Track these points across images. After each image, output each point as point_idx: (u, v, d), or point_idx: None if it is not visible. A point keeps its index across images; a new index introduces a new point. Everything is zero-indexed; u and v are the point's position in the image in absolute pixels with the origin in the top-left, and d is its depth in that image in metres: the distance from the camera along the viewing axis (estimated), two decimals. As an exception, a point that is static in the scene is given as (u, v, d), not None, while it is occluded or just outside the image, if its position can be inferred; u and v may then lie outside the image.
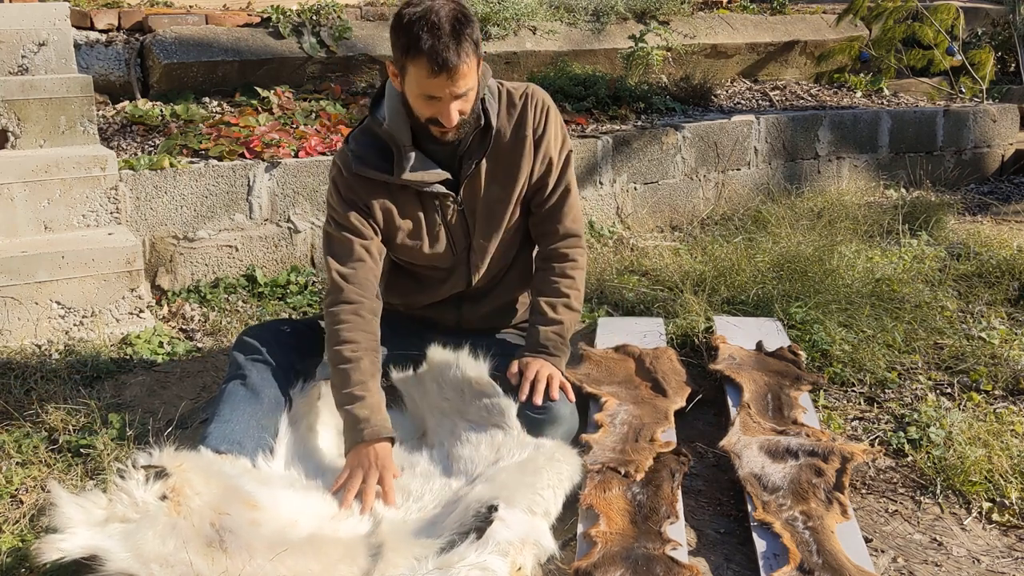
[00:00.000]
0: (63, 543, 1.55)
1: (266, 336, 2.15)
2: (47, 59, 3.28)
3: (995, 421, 2.30)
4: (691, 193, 4.45)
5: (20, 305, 2.75)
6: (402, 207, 2.12)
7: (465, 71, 1.88)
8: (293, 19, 4.37)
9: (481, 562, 1.60)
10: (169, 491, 1.65)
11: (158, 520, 1.60)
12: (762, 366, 2.53)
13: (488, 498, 1.76)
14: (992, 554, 1.85)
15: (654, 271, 3.46)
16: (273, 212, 3.40)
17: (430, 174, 2.07)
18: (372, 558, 1.69)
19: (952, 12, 5.71)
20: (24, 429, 2.24)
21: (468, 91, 1.93)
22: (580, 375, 2.50)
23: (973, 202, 4.85)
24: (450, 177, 2.10)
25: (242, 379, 2.04)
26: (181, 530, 1.60)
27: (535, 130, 2.14)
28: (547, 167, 2.18)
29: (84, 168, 3.00)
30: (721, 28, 5.78)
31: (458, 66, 1.86)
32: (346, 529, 1.78)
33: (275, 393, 2.05)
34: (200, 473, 1.72)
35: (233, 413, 1.98)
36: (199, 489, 1.68)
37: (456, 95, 1.91)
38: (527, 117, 2.13)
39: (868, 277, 3.20)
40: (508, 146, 2.12)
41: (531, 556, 1.73)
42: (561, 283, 2.19)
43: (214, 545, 1.60)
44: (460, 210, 2.15)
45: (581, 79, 4.72)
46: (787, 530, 1.79)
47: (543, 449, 1.96)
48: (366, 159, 2.07)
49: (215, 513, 1.64)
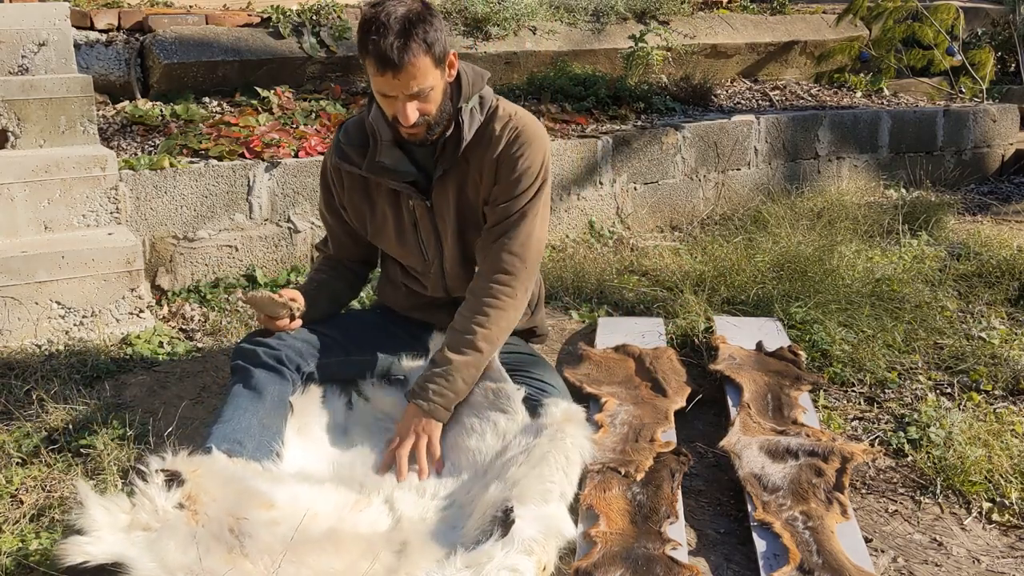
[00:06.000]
0: (90, 547, 1.53)
1: (269, 339, 2.14)
2: (47, 59, 3.28)
3: (995, 421, 2.30)
4: (691, 193, 4.45)
5: (20, 305, 2.75)
6: (376, 202, 2.19)
7: (413, 71, 1.88)
8: (293, 19, 4.37)
9: (510, 563, 1.60)
10: (185, 499, 1.65)
11: (178, 530, 1.60)
12: (762, 366, 2.53)
13: (502, 500, 1.75)
14: (992, 554, 1.85)
15: (654, 271, 3.46)
16: (273, 212, 3.40)
17: (399, 172, 2.10)
18: (396, 555, 1.69)
19: (952, 12, 5.71)
20: (24, 429, 2.24)
21: (424, 90, 1.92)
22: (580, 375, 2.50)
23: (973, 202, 4.85)
24: (421, 180, 2.12)
25: (244, 381, 2.04)
26: (201, 539, 1.59)
27: (502, 152, 2.07)
28: (503, 193, 2.09)
29: (84, 168, 3.00)
30: (721, 28, 5.78)
31: (403, 66, 1.86)
32: (365, 523, 1.78)
33: (278, 391, 2.04)
34: (214, 478, 1.71)
35: (235, 413, 1.97)
36: (215, 495, 1.67)
37: (409, 94, 1.91)
38: (498, 138, 2.08)
39: (868, 277, 3.20)
40: (477, 159, 2.10)
41: (554, 549, 1.73)
42: (474, 320, 2.05)
43: (235, 551, 1.59)
44: (430, 213, 2.15)
45: (581, 79, 4.72)
46: (787, 530, 1.79)
47: (546, 431, 1.93)
48: (347, 152, 2.15)
49: (232, 518, 1.64)
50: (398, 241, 2.22)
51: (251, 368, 2.06)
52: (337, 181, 2.22)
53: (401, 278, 2.33)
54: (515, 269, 2.07)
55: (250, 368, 2.06)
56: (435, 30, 1.90)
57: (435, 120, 2.00)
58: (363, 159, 2.12)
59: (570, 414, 2.00)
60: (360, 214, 2.23)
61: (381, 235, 2.24)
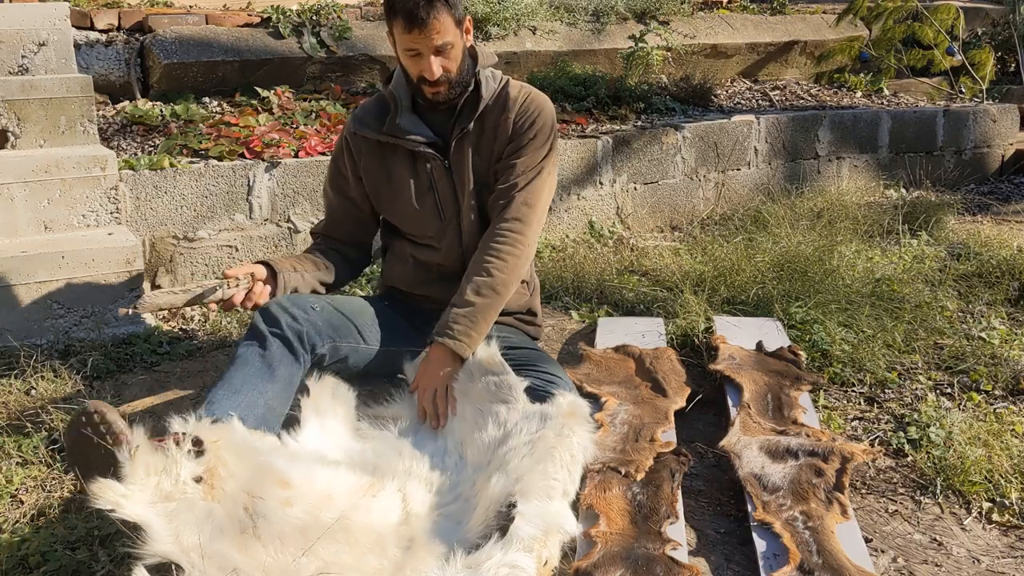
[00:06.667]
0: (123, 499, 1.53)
1: (293, 311, 2.11)
2: (47, 59, 3.28)
3: (995, 421, 2.30)
4: (691, 193, 4.45)
5: (20, 305, 2.75)
6: (393, 167, 2.30)
7: (438, 26, 2.08)
8: (293, 19, 4.37)
9: (510, 560, 1.61)
10: (204, 473, 1.64)
11: (195, 506, 1.59)
12: (762, 366, 2.53)
13: (505, 494, 1.76)
14: (992, 554, 1.85)
15: (654, 271, 3.46)
16: (273, 212, 3.40)
17: (419, 133, 2.26)
18: (403, 551, 1.69)
19: (952, 12, 5.71)
20: (24, 429, 2.24)
21: (447, 46, 2.11)
22: (580, 375, 2.50)
23: (973, 202, 4.85)
24: (439, 142, 2.27)
25: (261, 346, 2.03)
26: (216, 517, 1.59)
27: (518, 116, 2.26)
28: (518, 150, 2.25)
29: (84, 168, 3.00)
30: (721, 28, 5.78)
31: (429, 21, 2.06)
32: (378, 509, 1.77)
33: (289, 373, 2.03)
34: (233, 451, 1.70)
35: (244, 385, 1.96)
36: (233, 470, 1.66)
37: (435, 48, 2.10)
38: (514, 100, 2.27)
39: (868, 277, 3.20)
40: (493, 122, 2.26)
41: (556, 544, 1.73)
42: (491, 265, 2.18)
43: (247, 531, 1.59)
44: (448, 173, 2.27)
45: (581, 79, 4.72)
46: (787, 530, 1.79)
47: (551, 423, 1.92)
48: (364, 120, 2.31)
49: (248, 496, 1.64)
50: (417, 203, 2.30)
51: (269, 337, 2.04)
52: (355, 148, 2.33)
53: (410, 250, 2.37)
54: (527, 219, 2.22)
55: (268, 337, 2.04)
56: None
57: (456, 80, 2.18)
58: (382, 125, 2.27)
59: (576, 407, 2.00)
60: (375, 181, 2.33)
61: (397, 202, 2.32)
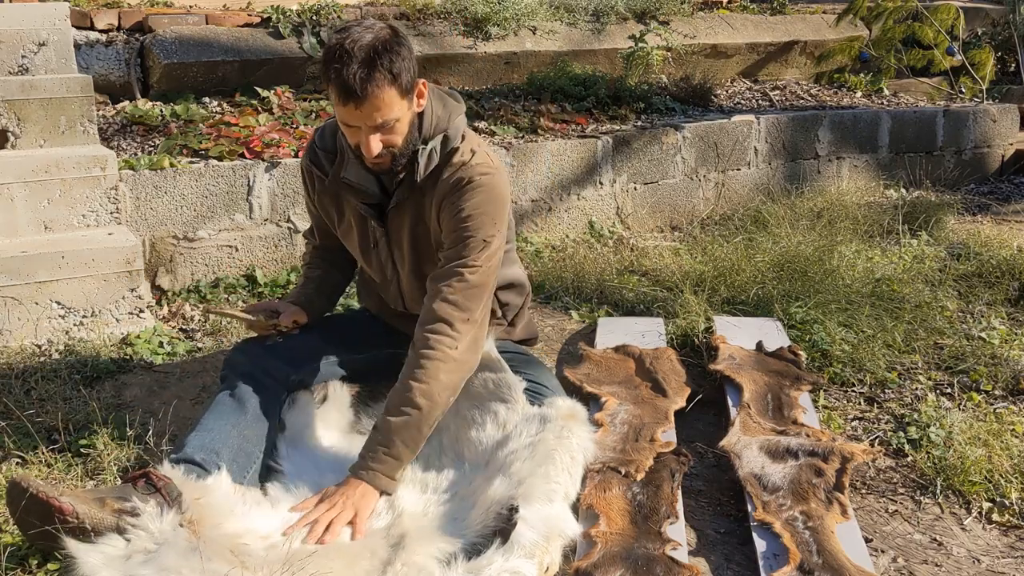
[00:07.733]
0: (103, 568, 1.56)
1: (256, 350, 2.15)
2: (47, 59, 3.28)
3: (995, 421, 2.30)
4: (691, 193, 4.45)
5: (20, 305, 2.75)
6: (345, 209, 2.17)
7: (378, 103, 1.81)
8: (293, 19, 4.37)
9: (511, 567, 1.61)
10: (186, 522, 1.67)
11: (179, 543, 1.62)
12: (762, 366, 2.53)
13: (506, 497, 1.76)
14: (992, 554, 1.85)
15: (654, 271, 3.46)
16: (273, 212, 3.40)
17: (362, 191, 2.06)
18: (392, 548, 1.70)
19: (952, 12, 5.71)
20: (24, 429, 2.24)
21: (389, 122, 1.86)
22: (580, 375, 2.50)
23: (973, 202, 4.85)
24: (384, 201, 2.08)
25: (230, 389, 2.04)
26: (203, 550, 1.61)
27: (446, 199, 2.00)
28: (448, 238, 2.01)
29: (84, 168, 3.00)
30: (721, 28, 5.78)
31: (366, 97, 1.79)
32: None
33: (261, 403, 2.03)
34: (214, 511, 1.72)
35: (216, 423, 1.97)
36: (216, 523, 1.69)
37: (373, 126, 1.85)
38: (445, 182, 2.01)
39: (868, 277, 3.20)
40: (430, 197, 2.03)
41: (558, 549, 1.74)
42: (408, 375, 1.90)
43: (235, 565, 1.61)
44: (386, 239, 2.13)
45: (581, 79, 4.72)
46: (787, 530, 1.79)
47: (551, 425, 1.93)
48: (319, 157, 2.14)
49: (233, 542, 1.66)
50: (363, 256, 2.23)
51: (236, 378, 2.06)
52: (309, 182, 2.22)
53: (373, 285, 2.34)
54: (453, 319, 1.92)
55: (235, 378, 2.06)
56: (402, 59, 1.83)
57: (401, 151, 1.94)
58: (331, 166, 2.10)
59: (575, 411, 2.01)
60: (329, 217, 2.23)
61: (348, 242, 2.25)
